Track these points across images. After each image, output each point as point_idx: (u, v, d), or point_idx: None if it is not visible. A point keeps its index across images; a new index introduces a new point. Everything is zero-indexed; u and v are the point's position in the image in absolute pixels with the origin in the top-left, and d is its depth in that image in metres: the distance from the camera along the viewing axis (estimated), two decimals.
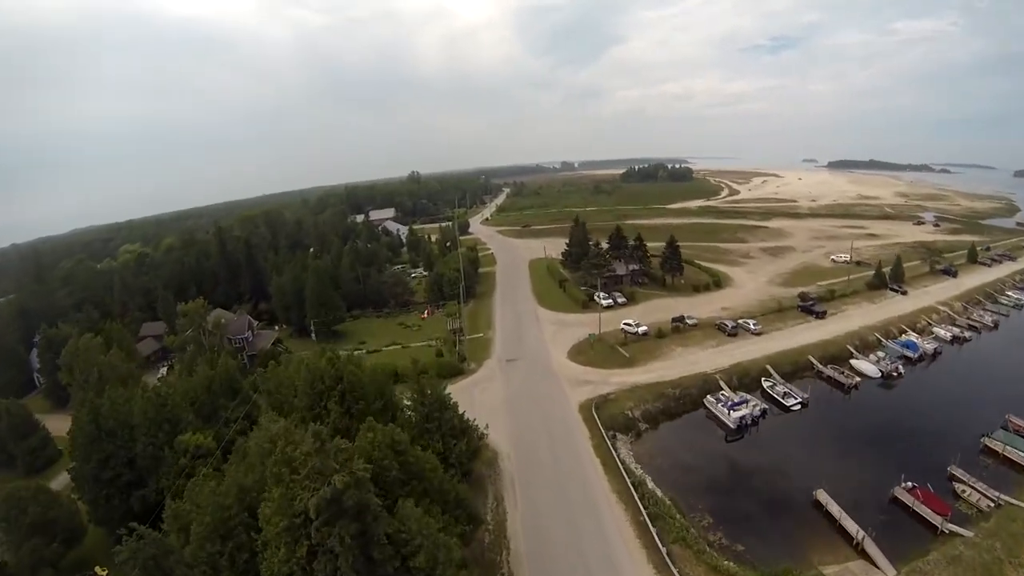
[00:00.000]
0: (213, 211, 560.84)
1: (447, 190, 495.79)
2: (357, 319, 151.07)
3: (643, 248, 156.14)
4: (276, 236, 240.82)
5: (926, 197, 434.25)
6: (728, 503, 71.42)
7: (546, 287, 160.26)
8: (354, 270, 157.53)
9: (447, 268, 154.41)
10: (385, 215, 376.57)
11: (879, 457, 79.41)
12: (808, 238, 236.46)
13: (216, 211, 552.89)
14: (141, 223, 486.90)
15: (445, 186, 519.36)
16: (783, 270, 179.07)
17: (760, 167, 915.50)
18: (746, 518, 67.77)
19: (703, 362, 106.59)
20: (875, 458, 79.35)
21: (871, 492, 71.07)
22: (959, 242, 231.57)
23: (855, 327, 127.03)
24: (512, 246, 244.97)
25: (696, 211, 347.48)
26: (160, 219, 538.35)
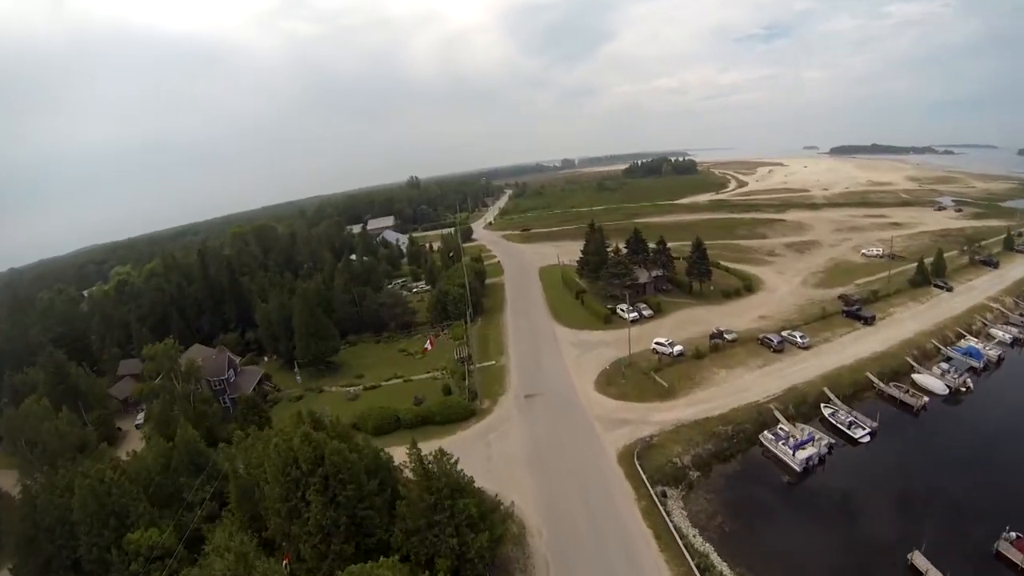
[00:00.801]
0: (211, 226, 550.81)
1: (447, 194, 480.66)
2: (354, 345, 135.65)
3: (667, 252, 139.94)
4: (268, 253, 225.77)
5: (938, 180, 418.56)
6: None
7: (562, 300, 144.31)
8: (348, 291, 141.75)
9: (451, 284, 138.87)
10: (384, 223, 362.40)
11: (970, 498, 65.16)
12: (831, 230, 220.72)
13: (214, 226, 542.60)
14: (137, 242, 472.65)
15: (445, 190, 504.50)
16: (814, 268, 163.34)
17: (762, 157, 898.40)
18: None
19: (753, 388, 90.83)
20: (966, 500, 64.98)
21: (970, 546, 57.96)
22: (987, 228, 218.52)
23: (909, 334, 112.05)
24: (519, 252, 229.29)
25: (707, 206, 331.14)
26: (158, 237, 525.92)
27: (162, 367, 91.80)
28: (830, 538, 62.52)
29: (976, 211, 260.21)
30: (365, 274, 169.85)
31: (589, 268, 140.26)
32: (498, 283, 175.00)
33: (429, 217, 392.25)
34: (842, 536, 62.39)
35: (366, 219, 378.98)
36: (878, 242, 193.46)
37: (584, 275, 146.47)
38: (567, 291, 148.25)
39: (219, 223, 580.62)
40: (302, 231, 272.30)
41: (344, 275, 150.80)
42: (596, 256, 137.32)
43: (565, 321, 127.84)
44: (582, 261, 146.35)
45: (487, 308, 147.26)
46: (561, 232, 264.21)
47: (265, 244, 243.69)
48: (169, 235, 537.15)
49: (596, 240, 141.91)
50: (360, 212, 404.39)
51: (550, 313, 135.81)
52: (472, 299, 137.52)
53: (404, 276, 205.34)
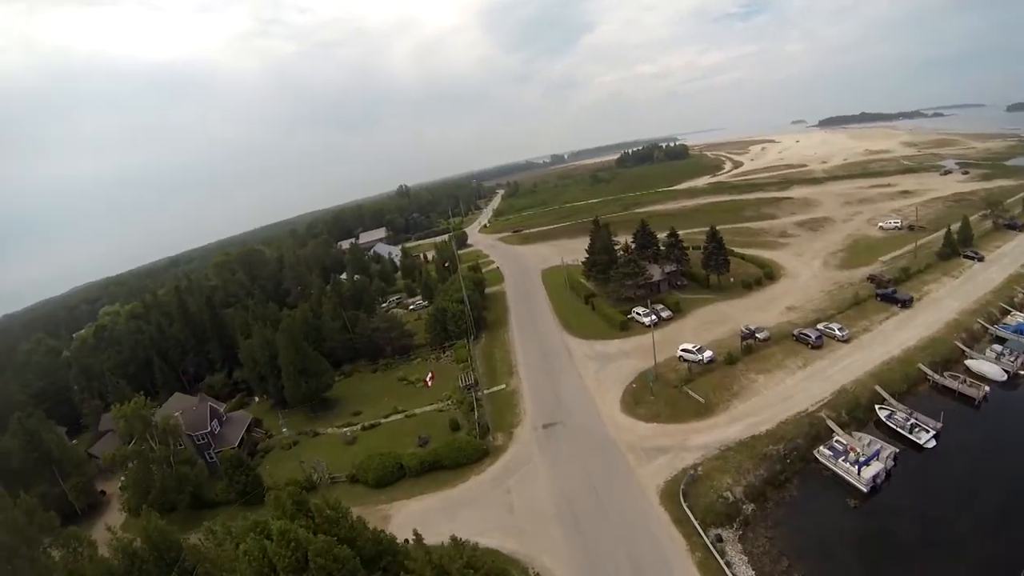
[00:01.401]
0: (207, 252, 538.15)
1: (439, 200, 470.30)
2: (349, 376, 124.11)
3: (680, 245, 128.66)
4: (255, 280, 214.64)
5: (936, 143, 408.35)
6: None
7: (570, 306, 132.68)
8: (339, 316, 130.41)
9: (448, 300, 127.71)
10: (376, 236, 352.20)
11: None
12: (840, 204, 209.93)
13: (209, 252, 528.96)
14: (130, 277, 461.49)
15: (436, 196, 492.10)
16: (833, 247, 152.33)
17: (752, 135, 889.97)
18: None
19: (797, 395, 79.78)
20: None
21: None
22: (1000, 188, 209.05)
23: (952, 314, 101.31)
24: (518, 255, 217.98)
25: (707, 189, 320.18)
26: (152, 269, 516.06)
27: (134, 428, 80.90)
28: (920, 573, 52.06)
29: (983, 172, 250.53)
30: (357, 295, 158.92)
31: (597, 269, 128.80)
32: (499, 292, 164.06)
33: (422, 225, 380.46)
34: (935, 569, 52.12)
35: (357, 233, 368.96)
36: (893, 212, 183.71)
37: (592, 277, 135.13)
38: (574, 296, 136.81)
39: (213, 249, 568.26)
40: (289, 253, 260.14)
41: (333, 299, 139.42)
42: (604, 255, 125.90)
43: (577, 331, 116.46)
44: (588, 262, 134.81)
45: (490, 322, 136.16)
46: (559, 230, 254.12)
47: (252, 271, 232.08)
48: (163, 266, 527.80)
49: (603, 238, 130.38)
50: (351, 226, 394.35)
51: (559, 323, 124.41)
52: (473, 314, 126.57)
53: (399, 291, 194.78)
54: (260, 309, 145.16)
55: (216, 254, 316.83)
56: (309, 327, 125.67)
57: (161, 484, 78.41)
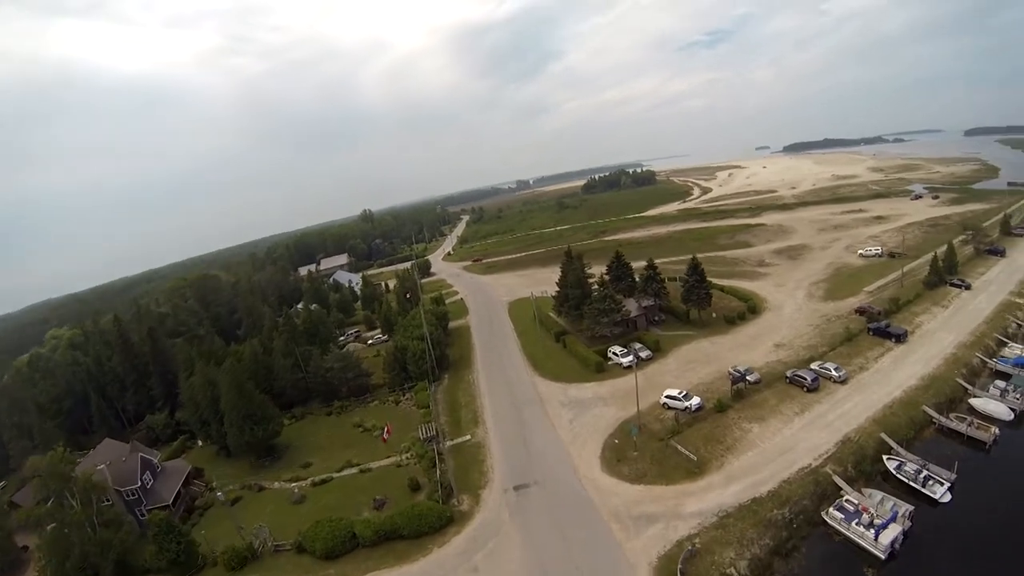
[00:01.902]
0: (171, 271, 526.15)
1: (403, 225, 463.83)
2: (301, 420, 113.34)
3: (658, 278, 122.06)
4: (208, 308, 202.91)
5: (902, 168, 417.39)
6: None
7: (540, 344, 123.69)
8: (291, 353, 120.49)
9: (408, 337, 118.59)
10: (337, 262, 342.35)
11: None
12: (815, 231, 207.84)
13: (173, 271, 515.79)
14: (87, 296, 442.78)
15: (400, 221, 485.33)
16: (814, 276, 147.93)
17: (718, 161, 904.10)
18: None
19: (798, 446, 72.53)
20: None
21: None
22: (972, 212, 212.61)
23: (949, 348, 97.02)
24: (483, 286, 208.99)
25: (677, 215, 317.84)
26: (112, 288, 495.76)
27: (50, 487, 69.64)
28: None
29: (953, 196, 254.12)
30: (312, 328, 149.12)
31: (569, 304, 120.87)
32: (463, 326, 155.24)
33: (384, 252, 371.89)
34: None
35: (319, 258, 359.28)
36: (870, 239, 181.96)
37: (563, 312, 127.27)
38: (544, 333, 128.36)
39: (177, 268, 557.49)
40: (244, 280, 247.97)
41: (285, 334, 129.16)
42: (577, 289, 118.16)
43: (548, 372, 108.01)
44: (560, 296, 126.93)
45: (454, 360, 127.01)
46: (526, 259, 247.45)
47: (205, 298, 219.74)
48: (123, 285, 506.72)
49: (575, 271, 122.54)
50: (313, 251, 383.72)
51: (528, 363, 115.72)
52: (435, 352, 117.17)
53: (358, 324, 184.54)
54: (204, 344, 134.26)
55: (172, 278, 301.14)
56: (258, 364, 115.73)
57: (81, 550, 67.27)
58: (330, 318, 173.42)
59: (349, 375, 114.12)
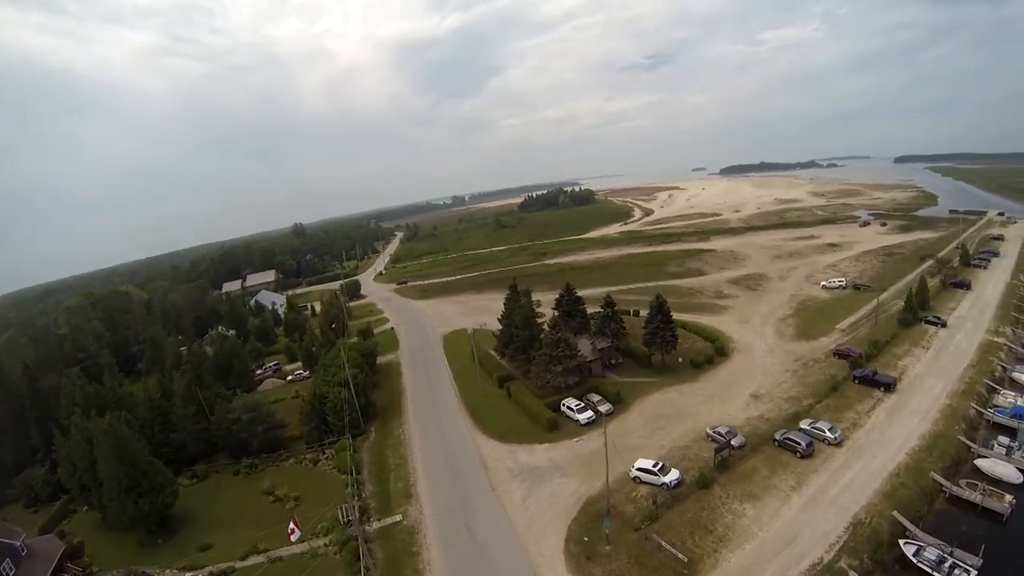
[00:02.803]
0: (90, 281, 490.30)
1: (335, 241, 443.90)
2: (204, 479, 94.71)
3: (617, 317, 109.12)
4: (116, 330, 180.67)
5: (842, 193, 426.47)
6: None
7: (481, 392, 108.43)
8: (194, 398, 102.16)
9: (329, 382, 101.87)
10: (264, 279, 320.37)
11: None
12: (769, 258, 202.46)
13: (94, 280, 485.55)
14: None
15: (333, 236, 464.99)
16: (780, 310, 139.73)
17: (655, 181, 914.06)
18: None
19: (803, 534, 59.96)
20: None
21: None
22: (923, 240, 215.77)
23: (942, 398, 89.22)
24: (415, 312, 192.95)
25: (620, 238, 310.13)
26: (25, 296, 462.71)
27: None
28: None
29: (901, 224, 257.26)
30: (226, 360, 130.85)
31: (515, 346, 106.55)
32: (393, 362, 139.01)
33: (314, 269, 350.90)
34: None
35: (245, 274, 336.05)
36: (829, 268, 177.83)
37: (508, 355, 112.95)
38: (485, 376, 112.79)
39: (93, 280, 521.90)
40: (159, 299, 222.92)
41: (188, 373, 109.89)
42: (524, 331, 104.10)
43: (492, 429, 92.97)
44: (504, 335, 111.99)
45: (382, 408, 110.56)
46: (462, 283, 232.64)
47: (112, 318, 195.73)
48: (36, 294, 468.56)
49: (523, 309, 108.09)
50: (239, 265, 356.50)
51: (468, 414, 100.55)
52: (360, 400, 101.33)
53: (279, 354, 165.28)
54: (101, 377, 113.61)
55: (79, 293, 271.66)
56: (154, 412, 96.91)
57: None
58: (247, 348, 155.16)
59: (258, 428, 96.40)
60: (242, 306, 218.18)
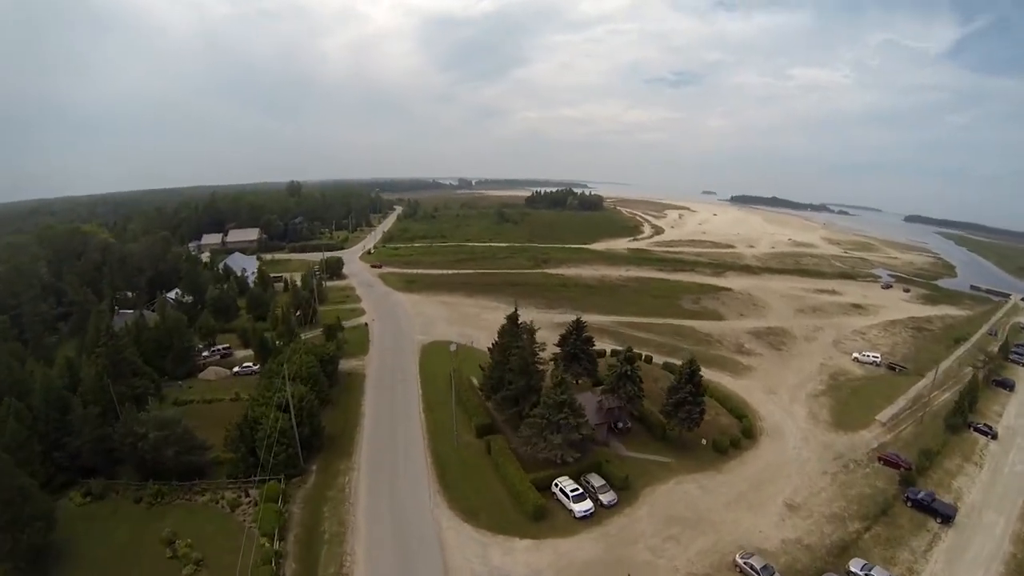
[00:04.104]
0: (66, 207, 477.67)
1: (331, 205, 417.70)
2: (101, 500, 73.46)
3: (636, 376, 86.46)
4: (61, 276, 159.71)
5: (858, 246, 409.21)
6: None
7: (456, 446, 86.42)
8: (104, 394, 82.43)
9: (266, 402, 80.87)
10: (247, 236, 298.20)
11: None
12: (791, 311, 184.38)
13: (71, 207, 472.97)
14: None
15: (329, 200, 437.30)
16: (809, 382, 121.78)
17: (663, 197, 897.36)
18: None
19: None
20: None
21: None
22: (951, 318, 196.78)
23: (1005, 544, 72.36)
24: (396, 309, 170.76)
25: (628, 256, 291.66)
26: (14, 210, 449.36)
27: None
28: None
29: (924, 293, 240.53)
30: (166, 337, 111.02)
31: (506, 395, 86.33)
32: (357, 372, 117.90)
33: (302, 235, 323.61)
34: None
35: (228, 228, 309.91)
36: (856, 335, 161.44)
37: (495, 399, 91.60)
38: (463, 418, 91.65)
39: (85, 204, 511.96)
40: (117, 247, 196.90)
41: (103, 357, 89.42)
42: (521, 379, 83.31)
43: (461, 501, 73.00)
44: (493, 376, 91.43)
45: (331, 437, 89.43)
46: (453, 280, 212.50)
47: (61, 260, 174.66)
48: (19, 211, 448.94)
49: (522, 353, 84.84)
50: (225, 218, 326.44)
51: (434, 470, 79.87)
52: (304, 428, 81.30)
53: (233, 335, 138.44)
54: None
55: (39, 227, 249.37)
56: (50, 406, 76.73)
57: None
58: (199, 322, 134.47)
59: (168, 451, 76.02)
60: (205, 269, 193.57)
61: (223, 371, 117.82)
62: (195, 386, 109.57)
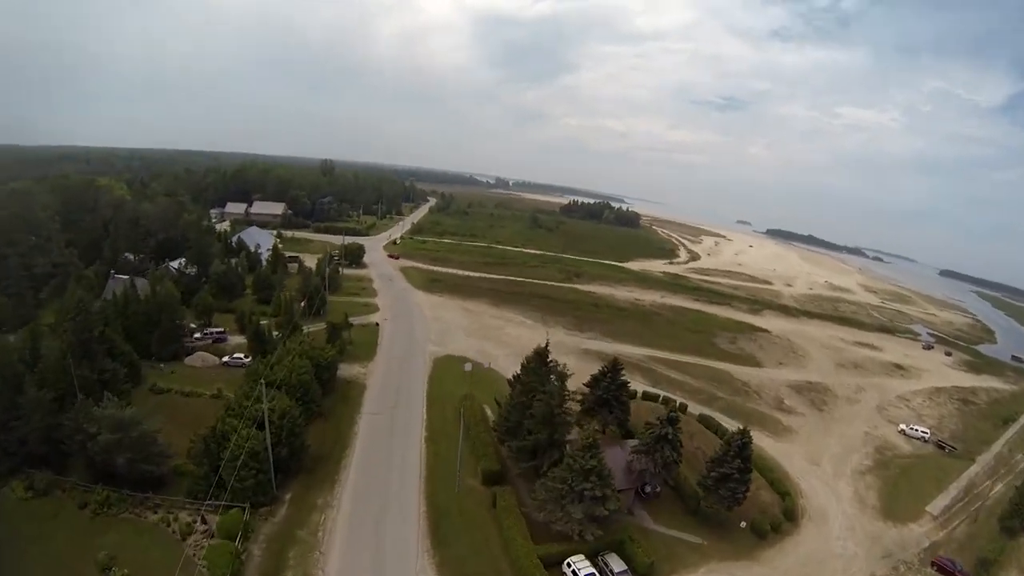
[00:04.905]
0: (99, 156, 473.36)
1: (363, 188, 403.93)
2: (45, 495, 63.21)
3: (677, 439, 71.25)
4: (68, 227, 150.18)
5: (895, 297, 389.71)
6: None
7: (456, 492, 72.66)
8: (64, 377, 71.48)
9: (240, 417, 67.84)
10: (272, 209, 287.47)
11: None
12: (832, 364, 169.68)
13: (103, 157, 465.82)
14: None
15: (362, 183, 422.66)
16: (855, 456, 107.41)
17: (699, 222, 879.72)
18: None
19: None
20: None
21: None
22: (995, 392, 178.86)
23: None
24: (413, 309, 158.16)
25: (664, 279, 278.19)
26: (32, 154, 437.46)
27: None
28: None
29: (967, 360, 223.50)
30: (155, 312, 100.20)
31: (523, 444, 72.50)
32: (357, 382, 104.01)
33: (329, 214, 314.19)
34: None
35: (253, 199, 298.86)
36: (901, 402, 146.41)
37: (510, 445, 77.22)
38: (472, 460, 78.65)
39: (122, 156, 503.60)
40: (131, 204, 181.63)
41: (71, 331, 77.27)
42: (544, 429, 69.46)
43: (453, 566, 60.06)
44: (511, 415, 77.50)
45: (316, 458, 76.31)
46: (480, 284, 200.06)
47: (68, 211, 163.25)
48: (49, 156, 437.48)
49: (548, 401, 69.78)
50: (251, 187, 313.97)
51: (426, 523, 66.71)
52: (282, 449, 68.88)
53: (232, 315, 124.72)
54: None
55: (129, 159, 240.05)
56: (3, 381, 65.59)
57: None
58: (197, 299, 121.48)
59: (119, 458, 63.33)
60: (217, 240, 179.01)
61: (212, 358, 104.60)
62: (178, 372, 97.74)
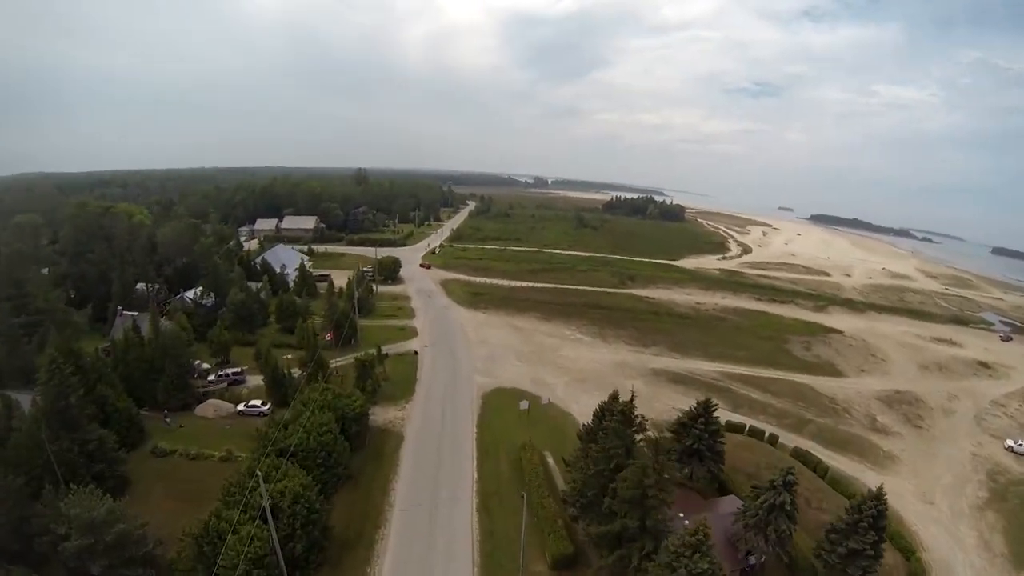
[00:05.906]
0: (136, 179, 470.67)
1: (398, 195, 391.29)
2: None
3: (788, 517, 55.79)
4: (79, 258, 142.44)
5: (956, 282, 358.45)
6: None
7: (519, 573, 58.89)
8: (37, 452, 59.89)
9: (238, 504, 53.86)
10: (304, 224, 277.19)
11: None
12: (915, 367, 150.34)
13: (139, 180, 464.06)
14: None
15: (397, 191, 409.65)
16: (969, 488, 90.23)
17: (741, 211, 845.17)
18: None
19: None
20: None
21: None
22: None
23: None
24: (456, 330, 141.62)
25: (721, 277, 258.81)
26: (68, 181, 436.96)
27: None
28: None
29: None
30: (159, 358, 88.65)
31: (607, 535, 55.79)
32: (394, 428, 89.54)
33: (363, 225, 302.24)
34: None
35: (284, 214, 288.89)
36: (997, 408, 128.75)
37: (585, 524, 60.58)
38: (535, 535, 62.88)
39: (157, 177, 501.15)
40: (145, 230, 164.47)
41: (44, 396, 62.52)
42: (634, 514, 53.23)
43: None
44: (583, 493, 61.46)
45: (342, 542, 61.67)
46: (528, 296, 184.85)
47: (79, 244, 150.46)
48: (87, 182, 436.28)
49: (642, 478, 52.39)
50: (280, 202, 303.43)
51: None
52: (301, 539, 54.64)
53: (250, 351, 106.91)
54: None
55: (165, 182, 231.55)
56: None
57: None
58: (211, 334, 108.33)
59: (95, 568, 50.28)
60: (237, 263, 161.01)
61: (226, 406, 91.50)
62: (187, 425, 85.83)
